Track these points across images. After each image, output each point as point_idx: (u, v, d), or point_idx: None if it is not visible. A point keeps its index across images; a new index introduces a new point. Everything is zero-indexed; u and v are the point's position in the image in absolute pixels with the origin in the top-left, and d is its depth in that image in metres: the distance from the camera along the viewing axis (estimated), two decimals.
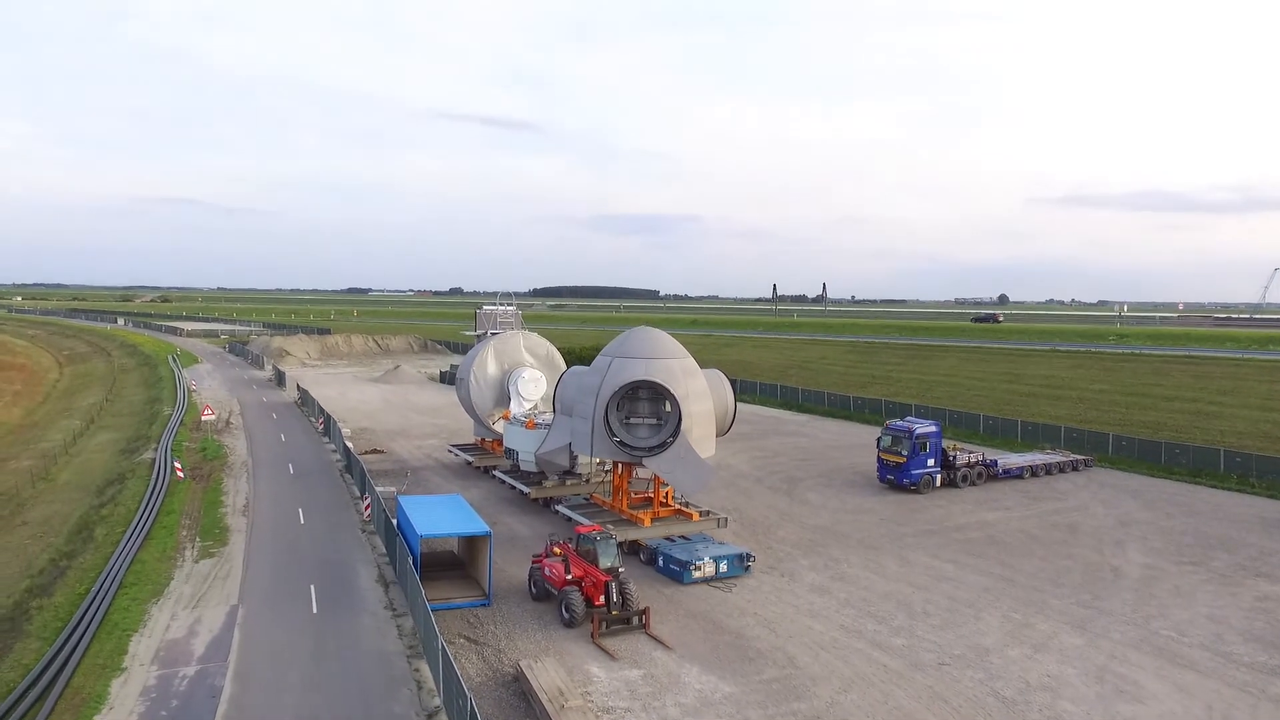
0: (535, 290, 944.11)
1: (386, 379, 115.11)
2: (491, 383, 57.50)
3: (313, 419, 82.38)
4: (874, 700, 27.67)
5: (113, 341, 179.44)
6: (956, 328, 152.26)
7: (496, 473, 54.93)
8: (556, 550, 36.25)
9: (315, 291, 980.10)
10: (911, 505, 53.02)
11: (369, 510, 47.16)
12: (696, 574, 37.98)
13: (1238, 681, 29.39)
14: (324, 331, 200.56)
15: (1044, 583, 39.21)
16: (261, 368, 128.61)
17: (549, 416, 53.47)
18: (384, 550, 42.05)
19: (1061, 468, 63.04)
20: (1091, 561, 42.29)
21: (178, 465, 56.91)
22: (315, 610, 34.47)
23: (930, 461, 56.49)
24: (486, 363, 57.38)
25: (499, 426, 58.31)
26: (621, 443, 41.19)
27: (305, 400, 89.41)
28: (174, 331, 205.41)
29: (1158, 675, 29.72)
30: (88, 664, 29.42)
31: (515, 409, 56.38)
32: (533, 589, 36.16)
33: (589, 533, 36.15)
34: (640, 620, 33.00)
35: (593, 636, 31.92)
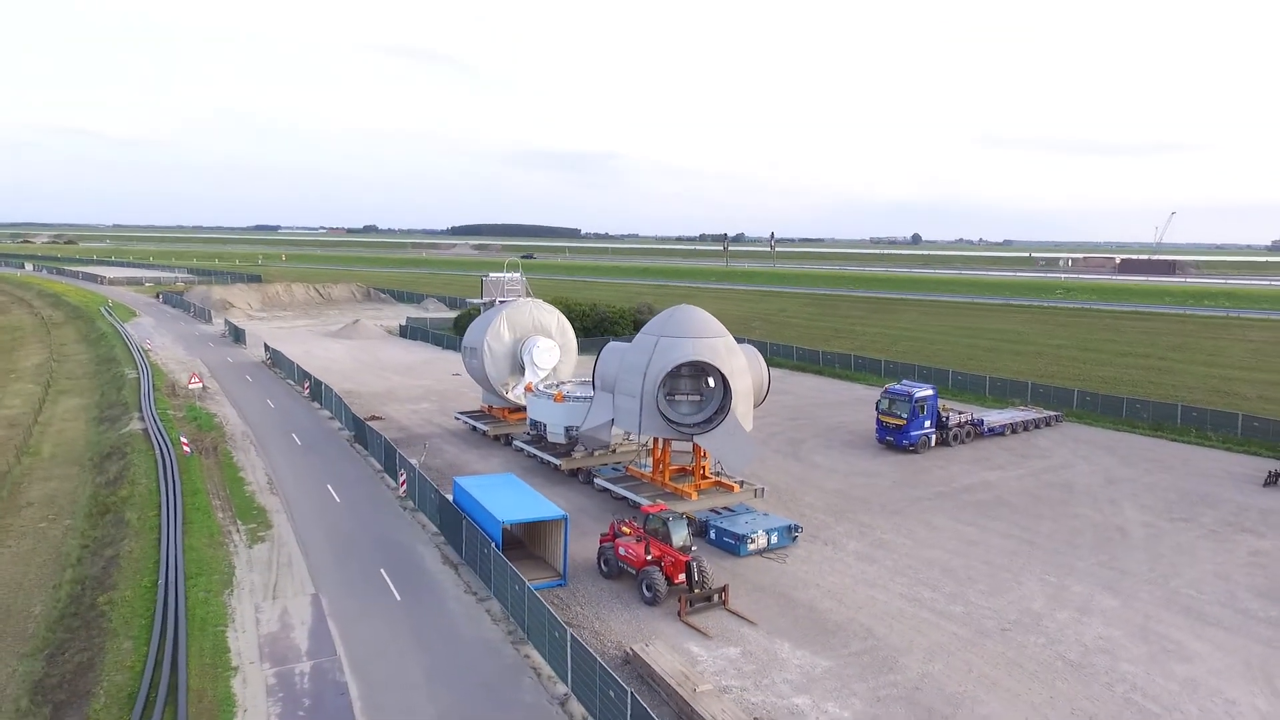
0: (453, 228, 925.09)
1: (346, 334, 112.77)
2: (505, 352, 57.66)
3: (291, 382, 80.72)
4: (958, 669, 30.15)
5: (28, 290, 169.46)
6: (909, 279, 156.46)
7: (518, 443, 55.50)
8: (626, 530, 37.52)
9: (220, 229, 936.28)
10: (914, 466, 56.03)
11: (404, 486, 47.35)
12: (751, 547, 39.87)
13: (1262, 637, 33.00)
14: (255, 278, 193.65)
15: (1061, 544, 42.52)
16: (208, 321, 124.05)
17: (569, 387, 54.22)
18: (435, 529, 42.53)
19: (1037, 424, 67.21)
20: (1096, 521, 45.89)
21: (184, 440, 55.52)
22: (399, 598, 35.01)
23: (927, 423, 59.60)
24: (501, 332, 57.42)
25: (514, 396, 58.75)
26: (670, 420, 42.41)
27: (277, 361, 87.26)
28: (94, 279, 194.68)
29: (1194, 634, 33.10)
30: (195, 664, 29.52)
31: (530, 377, 56.84)
32: (603, 567, 37.42)
33: (658, 512, 37.52)
34: (720, 597, 34.73)
35: (680, 615, 33.50)
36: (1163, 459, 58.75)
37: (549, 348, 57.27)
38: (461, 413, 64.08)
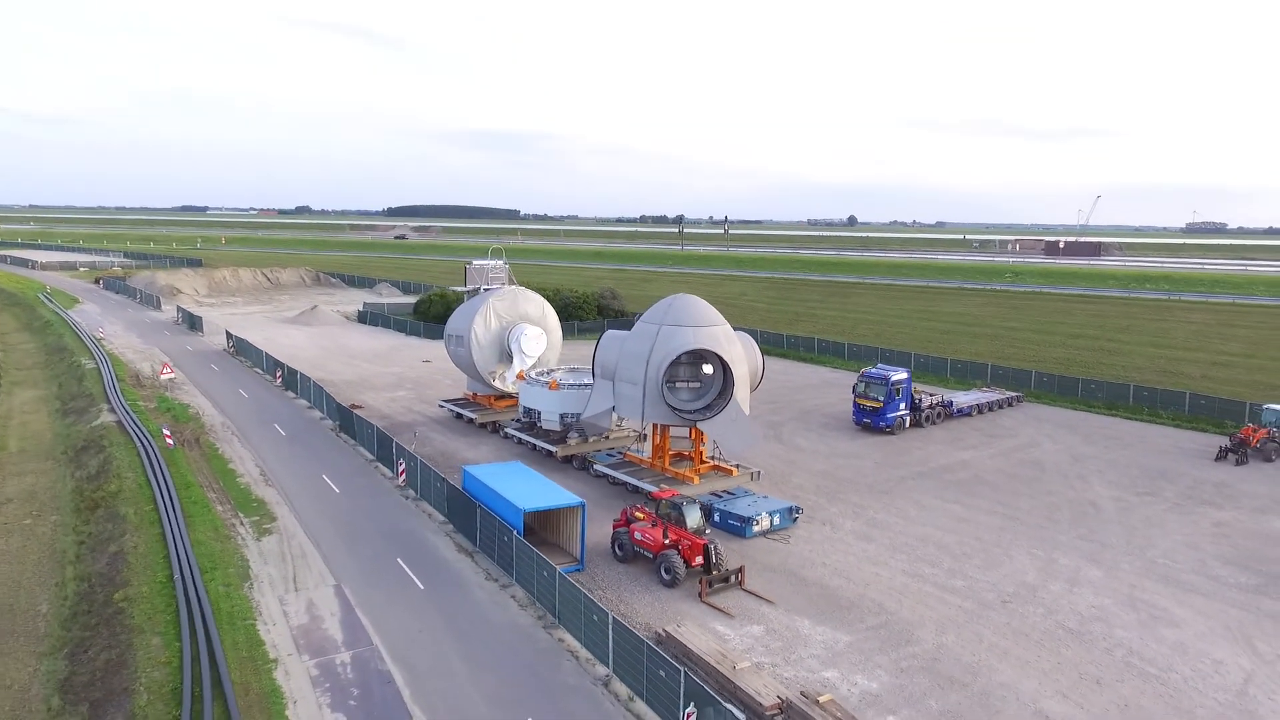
0: (389, 209, 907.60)
1: (305, 320, 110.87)
2: (492, 340, 57.88)
3: (259, 370, 79.41)
4: (970, 639, 32.00)
5: None
6: (864, 263, 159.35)
7: (509, 430, 55.92)
8: (639, 515, 38.51)
9: (144, 209, 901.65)
10: (893, 447, 58.18)
11: (404, 475, 47.50)
12: (756, 529, 41.26)
13: (1236, 602, 35.66)
14: (195, 263, 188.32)
15: (1042, 520, 44.93)
16: (157, 308, 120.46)
17: (561, 375, 54.82)
18: (442, 518, 42.88)
19: (1000, 405, 70.16)
20: (1070, 498, 48.51)
21: (167, 432, 54.53)
22: (422, 587, 35.44)
23: (902, 406, 61.82)
24: (488, 320, 57.60)
25: (500, 383, 59.09)
26: (673, 408, 43.46)
27: (241, 349, 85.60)
28: (23, 264, 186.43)
29: (1175, 601, 35.58)
30: (232, 658, 29.61)
31: (518, 365, 57.22)
32: (618, 552, 38.37)
33: (670, 497, 38.60)
34: (736, 578, 36.02)
35: (701, 597, 34.69)
36: (1120, 436, 62.05)
37: (536, 335, 57.70)
38: (446, 400, 64.10)
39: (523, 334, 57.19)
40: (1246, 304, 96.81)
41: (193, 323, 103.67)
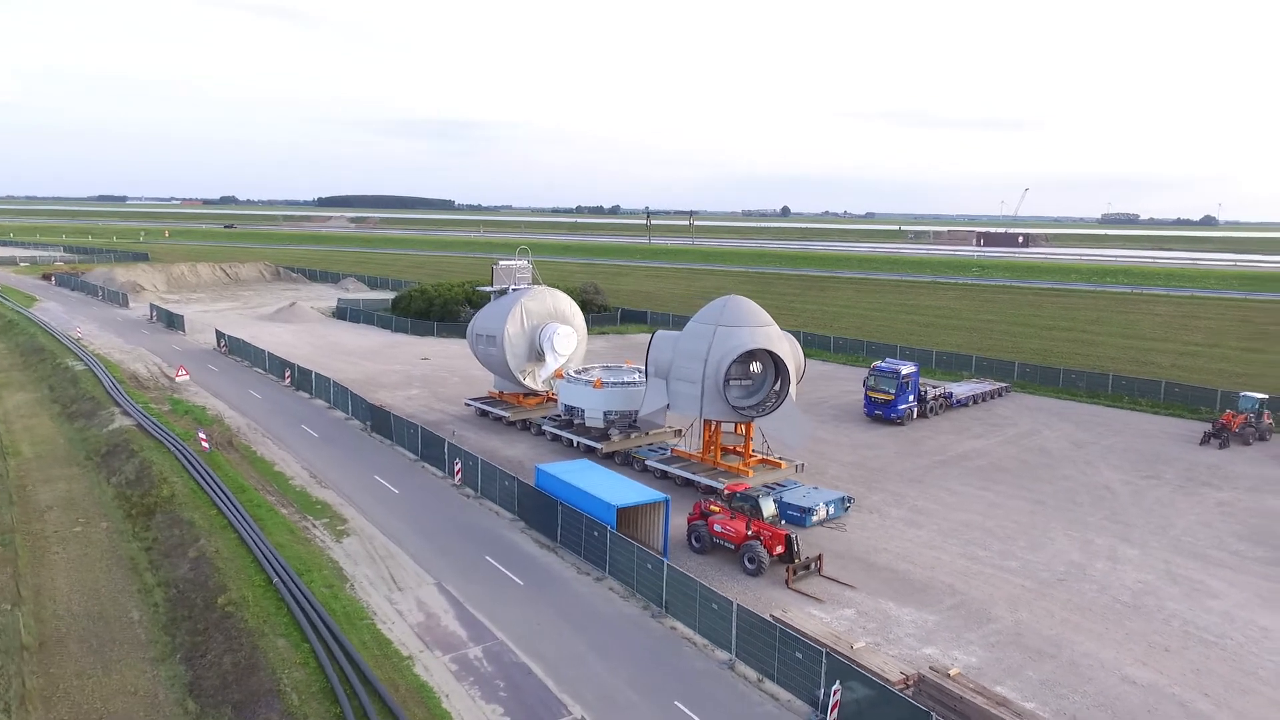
0: (321, 199, 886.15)
1: (284, 318, 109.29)
2: (525, 339, 58.92)
3: (260, 370, 78.60)
4: (1042, 615, 34.84)
5: None
6: (837, 257, 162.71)
7: (546, 427, 57.12)
8: (715, 509, 40.46)
9: (58, 199, 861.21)
10: (907, 438, 61.26)
11: (460, 474, 48.43)
12: (815, 519, 43.58)
13: (1260, 574, 39.40)
14: (141, 256, 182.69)
15: (1066, 503, 48.35)
16: (125, 305, 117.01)
17: (597, 372, 56.25)
18: (511, 515, 44.00)
19: (991, 395, 74.08)
20: (1085, 482, 52.14)
21: (203, 435, 54.18)
22: (521, 583, 36.71)
23: (911, 398, 65.02)
24: (520, 319, 58.59)
25: (531, 381, 60.25)
26: (733, 405, 45.45)
27: (235, 348, 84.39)
28: None
29: (1209, 575, 39.13)
30: (366, 656, 30.49)
31: (551, 363, 58.42)
32: (694, 544, 40.23)
33: (743, 490, 40.64)
34: (815, 566, 38.26)
35: (788, 584, 36.82)
36: (1108, 423, 66.38)
37: (568, 334, 58.96)
38: (472, 399, 64.82)
39: (555, 333, 58.38)
40: (1204, 297, 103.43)
41: (171, 321, 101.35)
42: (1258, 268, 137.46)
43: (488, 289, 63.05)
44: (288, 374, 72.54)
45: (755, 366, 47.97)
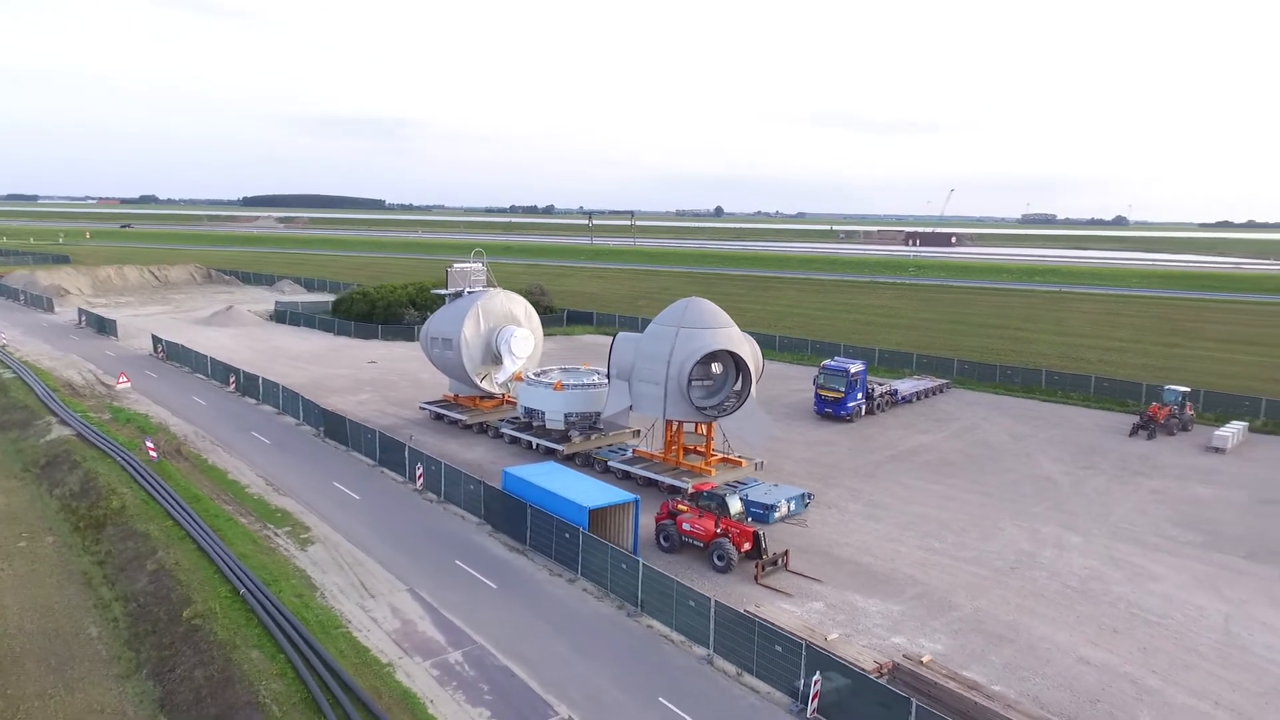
0: (246, 199, 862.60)
1: (221, 321, 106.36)
2: (481, 342, 58.77)
3: (201, 376, 76.50)
4: (998, 602, 36.42)
5: None
6: (778, 258, 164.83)
7: (505, 430, 57.07)
8: (683, 508, 41.15)
9: None
10: (858, 434, 62.96)
11: (421, 478, 48.14)
12: (778, 515, 44.61)
13: (1194, 557, 41.81)
14: (61, 259, 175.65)
15: (1012, 494, 50.43)
16: (49, 310, 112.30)
17: (556, 374, 56.46)
18: (477, 519, 43.97)
19: (933, 392, 76.53)
20: (1028, 473, 54.41)
21: (150, 444, 52.64)
22: (494, 586, 36.80)
23: (859, 395, 66.82)
24: (476, 322, 58.42)
25: (487, 384, 60.13)
26: (696, 405, 46.19)
27: (173, 354, 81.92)
28: None
29: (1149, 560, 41.36)
30: (346, 665, 30.28)
31: (509, 365, 58.40)
32: (663, 543, 40.85)
33: (710, 490, 41.43)
34: (782, 561, 39.24)
35: (757, 580, 37.70)
36: (1044, 417, 69.26)
37: (525, 336, 59.00)
38: (427, 403, 64.30)
39: (512, 336, 58.38)
40: (1126, 295, 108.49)
41: (102, 326, 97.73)
42: (1172, 267, 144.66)
43: (442, 292, 62.65)
44: (232, 379, 70.82)
45: (716, 367, 48.82)
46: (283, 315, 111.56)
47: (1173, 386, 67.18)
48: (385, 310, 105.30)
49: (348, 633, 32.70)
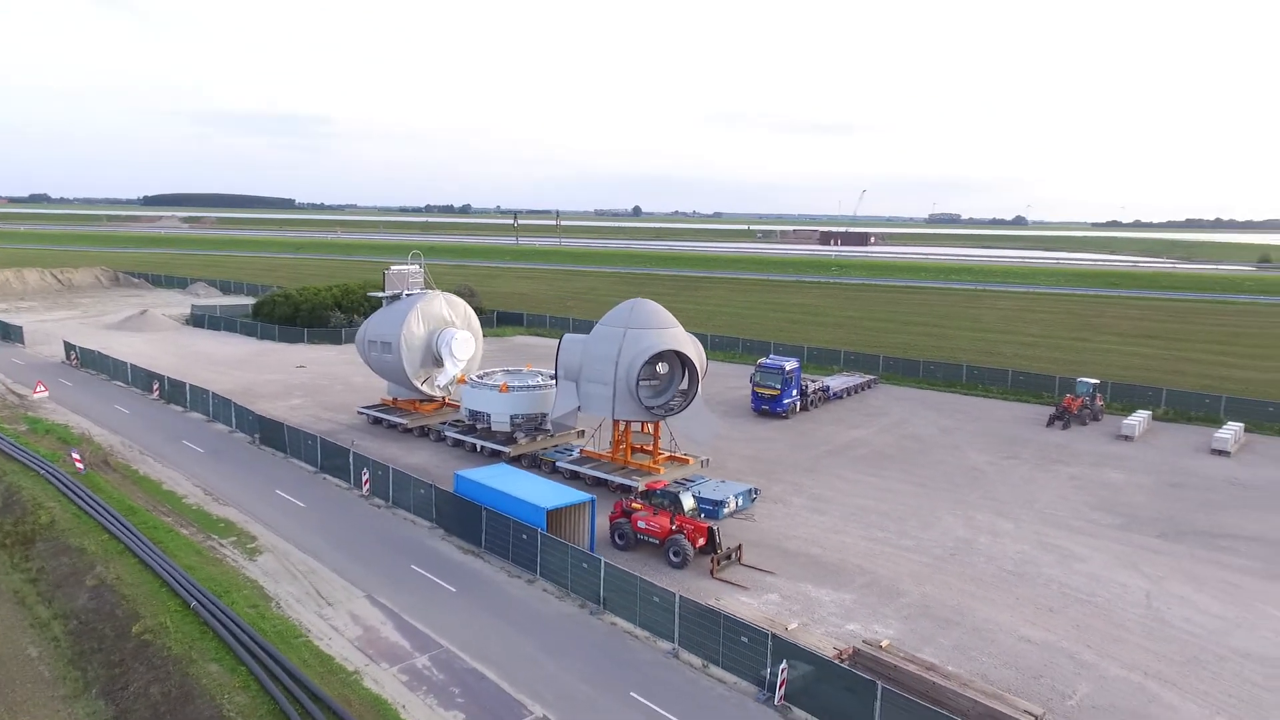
0: (147, 198, 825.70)
1: (135, 326, 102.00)
2: (421, 345, 58.20)
3: (120, 383, 73.45)
4: (943, 587, 38.21)
5: None
6: (705, 258, 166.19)
7: (450, 433, 56.66)
8: (637, 506, 41.81)
9: None
10: (794, 430, 64.72)
11: (368, 484, 47.53)
12: (727, 511, 45.64)
13: (1113, 538, 44.58)
14: None
15: (945, 484, 52.74)
16: None
17: (499, 377, 56.42)
18: (428, 523, 43.72)
19: (862, 387, 79.12)
20: (958, 464, 56.93)
21: (76, 455, 50.43)
22: (453, 590, 36.74)
23: (794, 392, 68.64)
24: (414, 325, 57.83)
25: (428, 387, 59.63)
26: (646, 405, 46.89)
27: (88, 360, 78.37)
28: None
29: (1074, 542, 43.91)
30: (311, 674, 29.85)
31: (450, 368, 58.03)
32: (618, 541, 41.41)
33: (662, 488, 42.19)
34: (736, 555, 40.26)
35: (712, 574, 38.62)
36: (967, 410, 72.44)
37: (466, 339, 58.67)
38: (365, 407, 63.26)
39: (453, 338, 58.00)
40: (1037, 293, 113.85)
41: (7, 332, 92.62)
42: (1078, 266, 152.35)
43: (380, 294, 61.77)
44: (156, 386, 68.26)
45: (661, 367, 49.61)
46: (200, 319, 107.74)
47: (1084, 379, 71.10)
48: (310, 313, 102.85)
49: (309, 642, 32.26)
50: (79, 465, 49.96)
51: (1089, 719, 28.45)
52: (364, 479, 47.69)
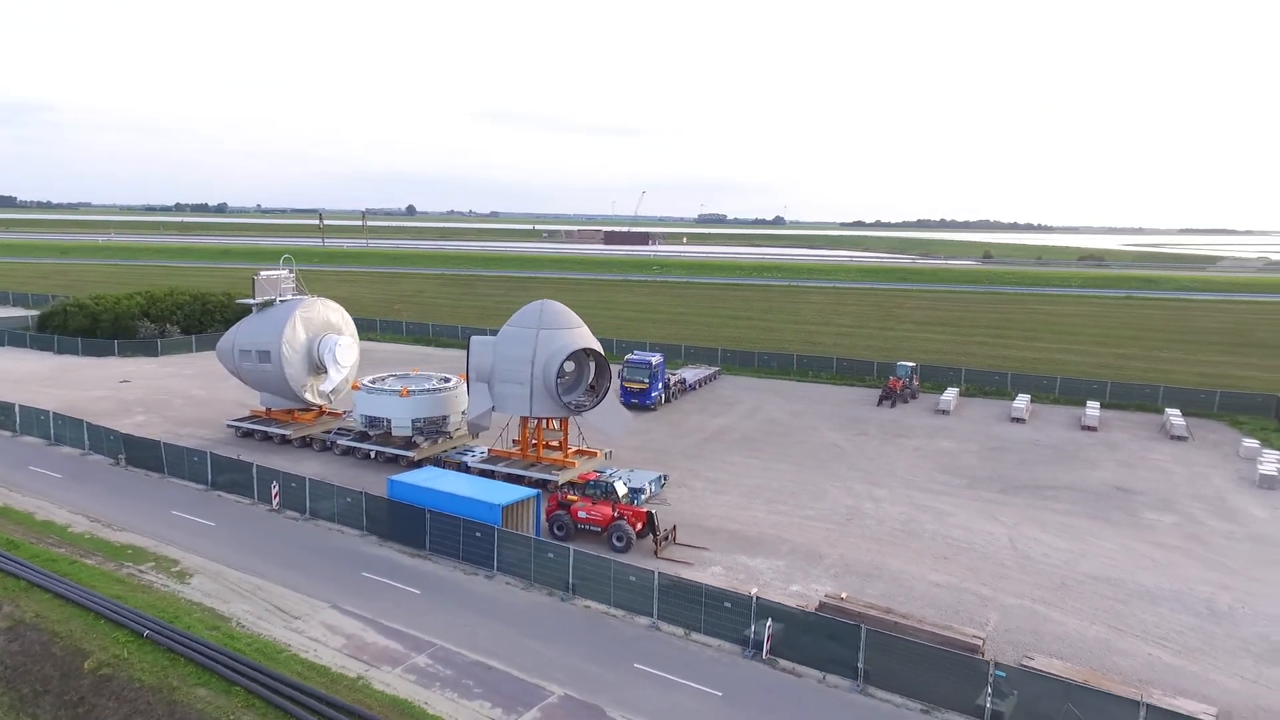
0: None
1: None
2: (303, 352, 56.17)
3: None
4: (856, 548, 43.41)
5: None
6: (537, 258, 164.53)
7: (342, 441, 55.16)
8: (573, 498, 43.81)
9: None
10: (667, 420, 68.76)
11: (278, 497, 45.86)
12: (644, 497, 48.64)
13: (967, 495, 52.24)
14: None
15: (815, 461, 58.76)
16: None
17: (393, 381, 55.86)
18: (358, 531, 43.17)
19: (709, 379, 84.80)
20: (820, 443, 63.34)
21: None
22: (418, 592, 37.02)
23: (660, 385, 72.73)
24: (296, 332, 55.74)
25: (312, 395, 57.71)
26: (564, 402, 48.79)
27: None
28: None
29: (937, 500, 51.03)
30: (315, 685, 29.59)
31: (335, 375, 56.51)
32: (558, 532, 43.18)
33: (594, 479, 44.50)
34: (672, 536, 43.33)
35: (656, 554, 41.50)
36: (807, 395, 79.96)
37: (349, 344, 57.28)
38: (236, 420, 59.70)
39: (335, 344, 56.48)
40: (845, 288, 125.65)
41: None
42: (880, 263, 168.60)
43: (250, 301, 58.70)
44: None
45: (569, 365, 51.64)
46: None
47: (902, 363, 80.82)
48: (112, 324, 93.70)
49: (295, 655, 31.66)
50: None
51: (1008, 639, 34.32)
52: (274, 492, 45.93)
